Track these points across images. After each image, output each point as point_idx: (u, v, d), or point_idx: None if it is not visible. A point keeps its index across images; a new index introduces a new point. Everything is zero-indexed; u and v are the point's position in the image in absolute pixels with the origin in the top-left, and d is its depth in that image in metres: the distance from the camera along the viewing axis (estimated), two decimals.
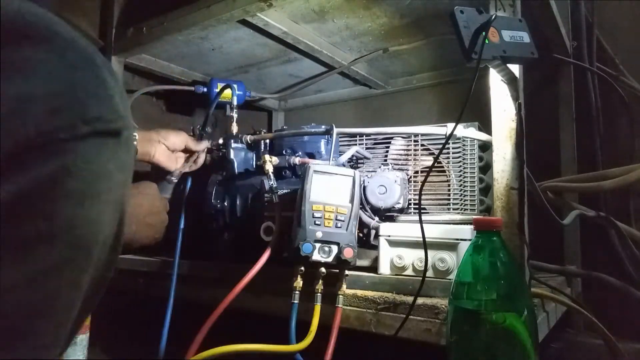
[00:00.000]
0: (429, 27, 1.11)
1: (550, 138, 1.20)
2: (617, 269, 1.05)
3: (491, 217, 0.69)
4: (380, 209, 0.92)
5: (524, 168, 0.70)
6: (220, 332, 0.75)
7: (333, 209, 0.76)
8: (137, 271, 1.09)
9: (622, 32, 1.28)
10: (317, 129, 0.99)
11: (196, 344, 0.73)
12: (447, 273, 0.75)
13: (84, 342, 0.96)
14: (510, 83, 0.71)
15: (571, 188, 0.99)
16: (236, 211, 0.98)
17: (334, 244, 0.74)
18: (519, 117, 0.70)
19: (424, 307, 0.69)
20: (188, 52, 1.26)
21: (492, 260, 0.58)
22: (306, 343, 0.70)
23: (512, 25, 0.63)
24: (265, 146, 1.05)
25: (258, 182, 0.94)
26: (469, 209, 0.93)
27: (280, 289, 0.80)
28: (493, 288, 0.58)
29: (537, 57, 0.63)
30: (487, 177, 0.94)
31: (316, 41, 1.17)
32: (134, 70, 1.36)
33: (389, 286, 0.77)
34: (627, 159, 1.11)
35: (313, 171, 0.79)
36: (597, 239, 1.13)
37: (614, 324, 0.85)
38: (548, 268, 1.01)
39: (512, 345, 0.56)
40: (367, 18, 1.07)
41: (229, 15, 0.99)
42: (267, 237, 0.87)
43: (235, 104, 1.09)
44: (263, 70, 1.41)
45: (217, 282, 0.89)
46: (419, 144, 0.99)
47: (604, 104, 1.20)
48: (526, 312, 0.57)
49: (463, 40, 0.57)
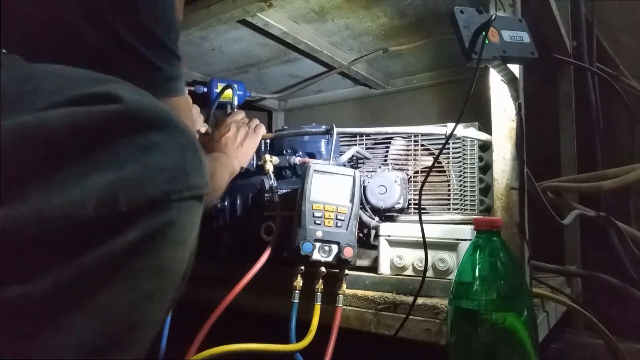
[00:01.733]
0: (429, 27, 1.11)
1: (550, 138, 1.20)
2: (617, 269, 1.05)
3: (491, 217, 0.69)
4: (380, 209, 0.92)
5: (524, 168, 0.70)
6: (220, 332, 0.75)
7: (333, 209, 0.76)
8: None
9: (622, 32, 1.28)
10: (317, 129, 0.99)
11: (196, 344, 0.73)
12: (447, 273, 0.75)
13: None
14: (510, 83, 0.71)
15: (571, 188, 0.99)
16: (236, 211, 0.98)
17: (334, 243, 0.74)
18: (519, 117, 0.70)
19: (424, 307, 0.69)
20: (188, 52, 1.26)
21: (492, 260, 0.58)
22: (306, 343, 0.70)
23: (512, 25, 0.63)
24: (266, 146, 1.05)
25: (258, 182, 0.94)
26: (469, 209, 0.93)
27: (280, 289, 0.80)
28: (493, 288, 0.58)
29: (537, 57, 0.63)
30: (487, 177, 0.94)
31: (316, 41, 1.17)
32: None
33: (389, 286, 0.77)
34: (627, 159, 1.11)
35: (313, 171, 0.79)
36: (597, 239, 1.13)
37: (614, 324, 0.85)
38: (548, 268, 1.01)
39: (512, 345, 0.57)
40: (367, 18, 1.07)
41: (228, 15, 0.99)
42: (267, 237, 0.87)
43: (235, 104, 1.09)
44: (263, 70, 1.41)
45: (217, 282, 0.89)
46: (419, 144, 0.99)
47: (604, 104, 1.20)
48: (526, 312, 0.57)
49: (463, 40, 0.57)
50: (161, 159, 0.37)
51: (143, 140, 0.37)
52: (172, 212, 0.38)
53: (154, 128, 0.38)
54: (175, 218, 0.38)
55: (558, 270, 1.04)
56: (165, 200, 0.37)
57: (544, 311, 0.82)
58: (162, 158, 0.38)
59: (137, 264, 0.36)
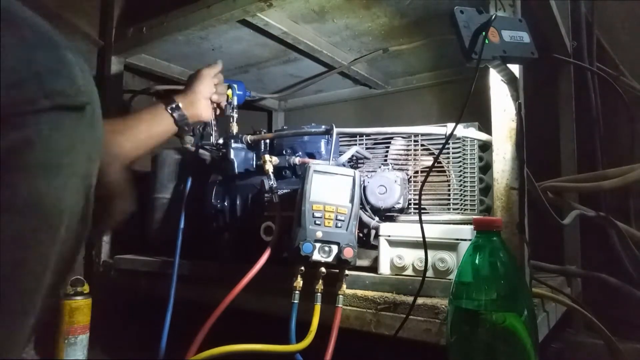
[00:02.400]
0: (429, 27, 1.11)
1: (550, 138, 1.20)
2: (617, 269, 1.05)
3: (491, 217, 0.68)
4: (380, 209, 0.92)
5: (524, 168, 0.70)
6: (220, 332, 0.75)
7: (333, 209, 0.76)
8: (138, 271, 1.09)
9: (622, 32, 1.28)
10: (317, 129, 0.99)
11: (196, 344, 0.73)
12: (447, 273, 0.75)
13: (84, 342, 0.96)
14: (510, 83, 0.71)
15: (571, 188, 0.99)
16: (236, 211, 0.98)
17: (334, 243, 0.74)
18: (519, 117, 0.70)
19: (424, 307, 0.69)
20: (188, 52, 1.26)
21: (492, 260, 0.58)
22: (306, 343, 0.70)
23: (512, 25, 0.63)
24: (265, 146, 1.05)
25: (258, 182, 0.94)
26: (469, 209, 0.93)
27: (280, 289, 0.80)
28: (493, 288, 0.58)
29: (537, 57, 0.63)
30: (487, 177, 0.94)
31: (316, 41, 1.17)
32: (134, 70, 1.36)
33: (389, 286, 0.77)
34: (627, 159, 1.11)
35: (313, 171, 0.79)
36: (597, 239, 1.13)
37: (614, 324, 0.85)
38: (548, 268, 1.01)
39: (512, 345, 0.56)
40: (367, 18, 1.07)
41: (229, 15, 0.99)
42: (267, 237, 0.87)
43: (235, 104, 1.09)
44: (263, 70, 1.41)
45: (217, 282, 0.89)
46: (419, 144, 0.99)
47: (604, 104, 1.20)
48: (526, 312, 0.57)
49: (463, 40, 0.57)
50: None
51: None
52: (25, 129, 0.29)
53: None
54: (32, 136, 0.30)
55: (558, 270, 1.04)
56: (7, 113, 0.28)
57: (544, 311, 0.82)
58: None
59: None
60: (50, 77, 0.31)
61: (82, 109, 0.33)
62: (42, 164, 0.31)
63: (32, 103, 0.29)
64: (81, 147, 0.34)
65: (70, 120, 0.32)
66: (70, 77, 0.33)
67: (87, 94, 0.34)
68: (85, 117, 0.34)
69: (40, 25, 0.32)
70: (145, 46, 1.19)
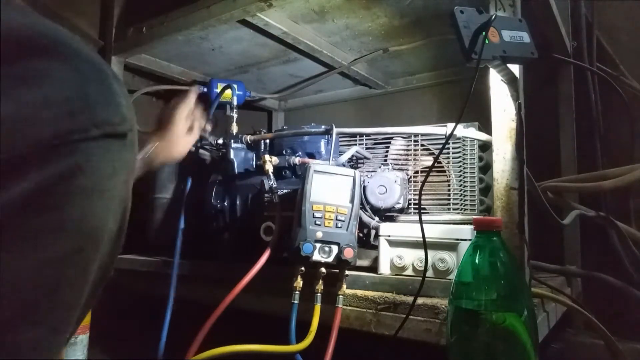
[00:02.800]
0: (429, 27, 1.11)
1: (550, 138, 1.20)
2: (617, 269, 1.05)
3: (491, 217, 0.68)
4: (380, 209, 0.92)
5: (524, 168, 0.70)
6: (220, 332, 0.75)
7: (333, 209, 0.76)
8: (137, 271, 1.09)
9: (622, 32, 1.28)
10: (317, 129, 0.99)
11: (196, 344, 0.73)
12: (447, 273, 0.75)
13: (84, 342, 0.96)
14: (510, 83, 0.71)
15: (571, 188, 0.99)
16: (236, 211, 0.98)
17: (334, 244, 0.74)
18: (519, 117, 0.70)
19: (424, 307, 0.69)
20: (188, 52, 1.26)
21: (492, 260, 0.58)
22: (306, 343, 0.70)
23: (512, 25, 0.63)
24: (265, 146, 1.05)
25: (258, 182, 0.94)
26: (469, 209, 0.93)
27: (280, 289, 0.80)
28: (493, 288, 0.58)
29: (537, 57, 0.63)
30: (487, 177, 0.94)
31: (316, 41, 1.17)
32: (134, 70, 1.36)
33: (389, 286, 0.77)
34: (627, 159, 1.11)
35: (313, 171, 0.79)
36: (597, 239, 1.13)
37: (614, 324, 0.85)
38: (548, 268, 1.01)
39: (512, 345, 0.56)
40: (367, 18, 1.07)
41: (229, 15, 0.99)
42: (267, 237, 0.87)
43: (235, 104, 1.09)
44: (263, 70, 1.41)
45: (217, 282, 0.89)
46: (419, 144, 0.99)
47: (604, 104, 1.20)
48: (526, 312, 0.57)
49: (463, 40, 0.57)
50: (50, 91, 0.30)
51: (22, 69, 0.30)
52: (76, 156, 0.31)
53: (41, 53, 0.31)
54: (82, 162, 0.32)
55: (558, 270, 1.04)
56: (62, 142, 0.30)
57: (544, 311, 0.82)
58: (51, 90, 0.31)
59: (34, 222, 0.30)
60: (100, 108, 0.33)
61: (125, 136, 0.36)
62: (90, 188, 0.33)
63: (84, 132, 0.31)
64: (121, 172, 0.36)
65: (115, 146, 0.34)
66: (116, 106, 0.35)
67: (129, 122, 0.36)
68: (126, 143, 0.36)
69: (92, 57, 0.34)
70: (145, 46, 1.19)
